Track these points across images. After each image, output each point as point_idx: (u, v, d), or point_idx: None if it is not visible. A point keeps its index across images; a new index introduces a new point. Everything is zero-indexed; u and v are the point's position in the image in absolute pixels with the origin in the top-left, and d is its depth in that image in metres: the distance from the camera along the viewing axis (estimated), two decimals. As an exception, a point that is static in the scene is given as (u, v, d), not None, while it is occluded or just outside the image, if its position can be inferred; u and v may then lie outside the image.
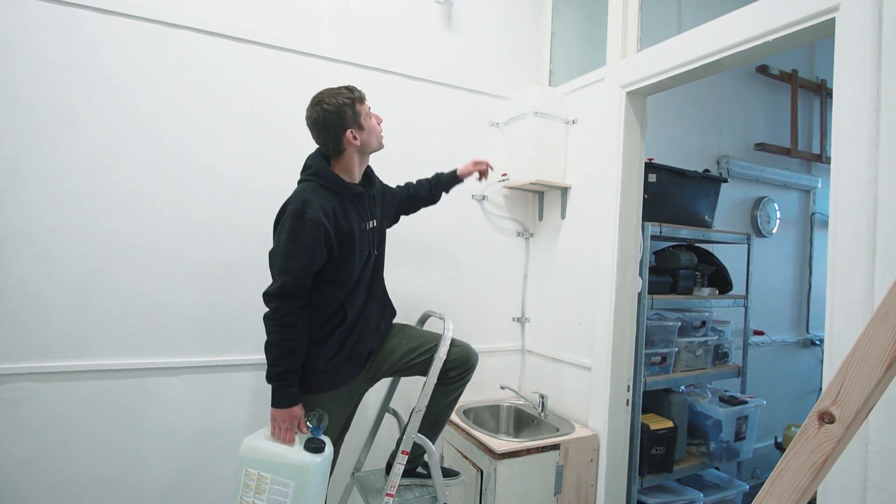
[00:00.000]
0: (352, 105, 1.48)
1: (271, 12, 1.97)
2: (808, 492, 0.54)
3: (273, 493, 1.34)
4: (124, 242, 1.72)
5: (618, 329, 2.03)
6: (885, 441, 1.19)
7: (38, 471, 1.62)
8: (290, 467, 1.35)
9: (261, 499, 1.34)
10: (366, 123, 1.51)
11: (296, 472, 1.35)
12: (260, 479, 1.35)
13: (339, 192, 1.49)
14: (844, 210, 1.31)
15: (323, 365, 1.50)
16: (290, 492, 1.35)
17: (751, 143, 3.26)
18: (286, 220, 1.42)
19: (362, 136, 1.51)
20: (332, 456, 1.46)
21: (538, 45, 2.59)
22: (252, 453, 1.38)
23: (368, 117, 1.52)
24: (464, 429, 2.04)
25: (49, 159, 1.63)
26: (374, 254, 1.61)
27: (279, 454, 1.37)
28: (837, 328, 1.31)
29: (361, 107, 1.50)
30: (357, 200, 1.55)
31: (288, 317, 1.41)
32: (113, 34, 1.70)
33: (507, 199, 2.49)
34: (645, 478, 2.20)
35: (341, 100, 1.47)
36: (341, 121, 1.47)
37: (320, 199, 1.44)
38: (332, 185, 1.48)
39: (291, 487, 1.34)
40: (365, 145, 1.53)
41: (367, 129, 1.51)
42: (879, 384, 0.50)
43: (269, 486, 1.34)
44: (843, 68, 1.33)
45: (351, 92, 1.49)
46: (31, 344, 1.61)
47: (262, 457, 1.37)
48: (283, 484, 1.34)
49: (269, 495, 1.34)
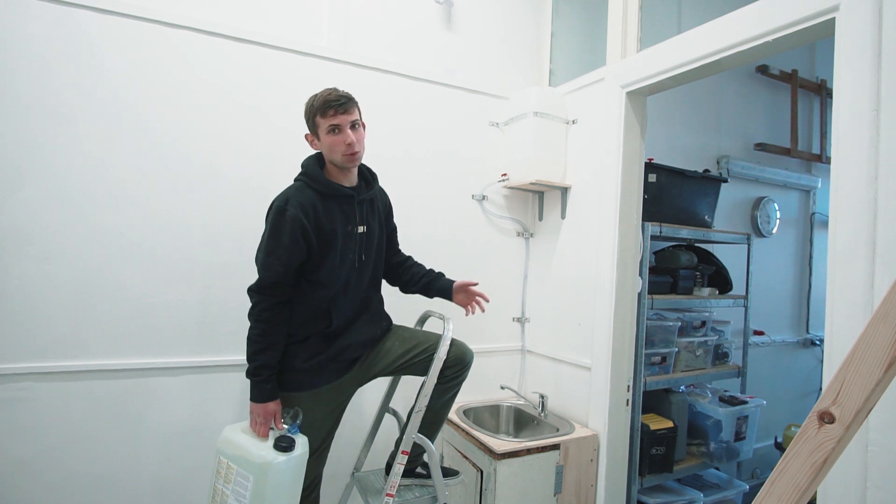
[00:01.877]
0: (311, 114, 1.48)
1: (271, 12, 1.97)
2: (808, 492, 0.53)
3: (237, 485, 1.39)
4: (124, 242, 1.72)
5: (618, 329, 2.03)
6: (885, 441, 1.19)
7: (38, 471, 1.62)
8: (251, 463, 1.38)
9: (227, 488, 1.39)
10: (323, 137, 1.48)
11: (254, 468, 1.37)
12: (228, 469, 1.40)
13: (325, 192, 1.50)
14: (844, 210, 1.31)
15: (302, 364, 1.50)
16: (250, 486, 1.37)
17: (751, 143, 3.26)
18: (269, 216, 1.47)
19: (321, 146, 1.51)
20: (304, 456, 1.45)
21: (538, 45, 2.59)
22: (224, 444, 1.43)
23: (328, 132, 1.46)
24: (464, 429, 2.04)
25: (49, 159, 1.63)
26: (362, 259, 1.58)
27: (245, 448, 1.40)
28: (837, 328, 1.31)
29: (321, 119, 1.46)
30: (345, 203, 1.54)
31: (265, 312, 1.43)
32: (113, 34, 1.70)
33: (507, 199, 2.49)
34: (645, 478, 2.20)
35: (308, 104, 1.49)
36: (308, 124, 1.51)
37: (301, 197, 1.45)
38: (317, 184, 1.49)
39: (251, 482, 1.37)
40: (326, 154, 1.51)
41: (323, 141, 1.48)
42: (879, 384, 0.50)
43: (234, 476, 1.39)
44: (843, 68, 1.33)
45: (315, 104, 1.47)
46: (30, 344, 1.61)
47: (232, 449, 1.41)
48: (244, 477, 1.38)
49: (233, 486, 1.39)
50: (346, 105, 1.46)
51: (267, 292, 1.43)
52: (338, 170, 1.53)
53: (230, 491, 1.38)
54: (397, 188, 2.11)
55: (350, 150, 1.47)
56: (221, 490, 1.40)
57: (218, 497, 1.40)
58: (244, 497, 1.37)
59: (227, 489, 1.39)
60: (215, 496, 1.41)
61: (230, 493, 1.38)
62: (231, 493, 1.38)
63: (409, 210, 2.21)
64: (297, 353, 1.50)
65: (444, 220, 2.31)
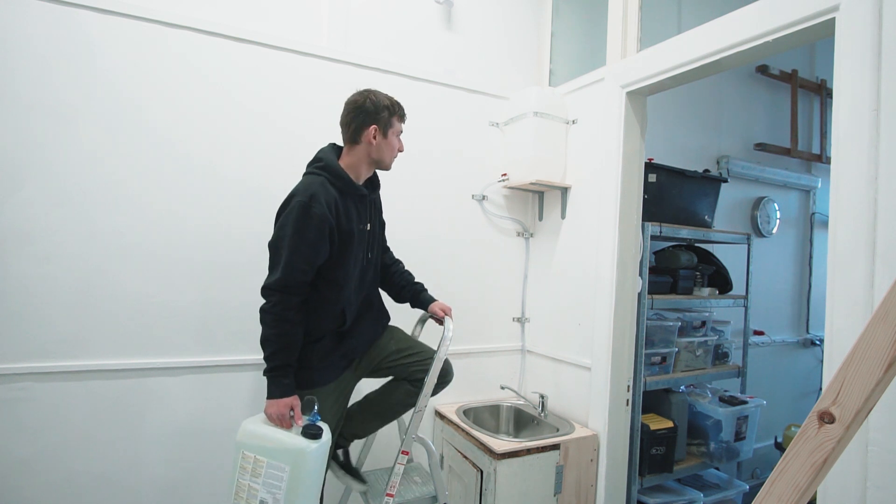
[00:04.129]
0: (390, 112, 1.53)
1: (271, 12, 1.97)
2: (808, 492, 0.53)
3: (269, 477, 1.35)
4: (124, 242, 1.72)
5: (618, 329, 2.03)
6: (885, 441, 1.19)
7: (38, 471, 1.62)
8: (286, 452, 1.36)
9: (257, 482, 1.35)
10: (390, 137, 1.54)
11: (291, 457, 1.36)
12: (256, 463, 1.36)
13: (345, 190, 1.49)
14: (844, 210, 1.31)
15: (317, 363, 1.51)
16: (286, 476, 1.35)
17: (751, 143, 3.26)
18: (292, 211, 1.40)
19: (379, 142, 1.52)
20: (328, 443, 1.46)
21: (538, 45, 2.59)
22: (249, 437, 1.39)
23: (395, 135, 1.55)
24: (464, 429, 2.04)
25: (49, 159, 1.63)
26: (368, 256, 1.61)
27: (276, 439, 1.38)
28: (837, 328, 1.31)
29: (396, 121, 1.54)
30: (360, 201, 1.56)
31: (288, 311, 1.41)
32: (113, 34, 1.70)
33: (507, 199, 2.49)
34: (645, 478, 2.20)
35: (386, 102, 1.53)
36: (374, 116, 1.50)
37: (326, 194, 1.43)
38: (339, 181, 1.48)
39: (287, 472, 1.35)
40: (377, 152, 1.54)
41: (387, 140, 1.54)
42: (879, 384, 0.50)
43: (264, 469, 1.36)
44: (843, 68, 1.33)
45: (395, 105, 1.55)
46: (31, 344, 1.61)
47: (259, 441, 1.38)
48: (279, 468, 1.35)
49: (264, 479, 1.35)
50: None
51: (290, 291, 1.40)
52: (357, 168, 1.54)
53: (260, 484, 1.35)
54: (397, 188, 2.11)
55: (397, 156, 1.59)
56: (248, 485, 1.36)
57: (244, 493, 1.36)
58: (279, 488, 1.35)
59: (257, 483, 1.35)
60: (240, 493, 1.36)
61: (260, 486, 1.35)
62: (261, 486, 1.35)
63: (408, 210, 2.21)
64: (314, 351, 1.51)
65: (444, 220, 2.31)
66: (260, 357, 1.93)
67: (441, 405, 2.29)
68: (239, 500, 1.36)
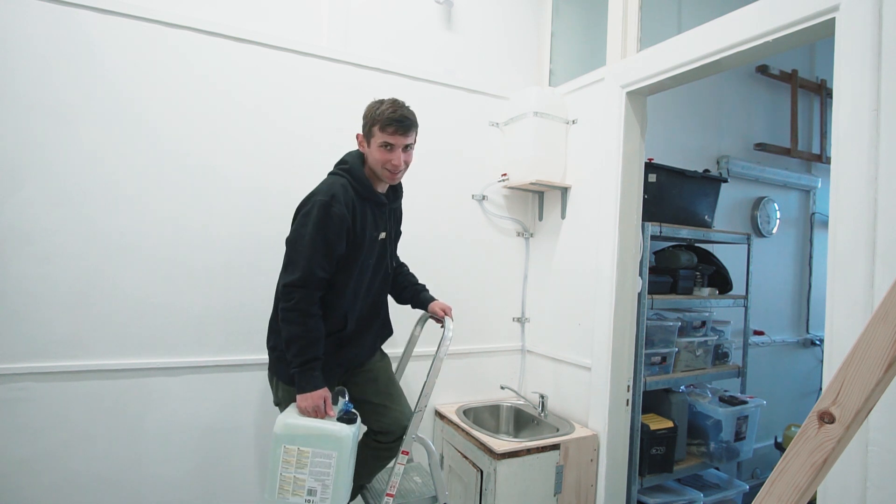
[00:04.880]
0: (369, 121, 1.51)
1: (271, 12, 1.97)
2: (808, 492, 0.53)
3: (316, 466, 1.39)
4: (124, 242, 1.72)
5: (618, 329, 2.03)
6: (885, 441, 1.19)
7: (38, 471, 1.62)
8: (332, 439, 1.39)
9: (303, 472, 1.38)
10: (373, 149, 1.51)
11: (337, 444, 1.39)
12: (300, 454, 1.39)
13: (365, 195, 1.52)
14: (844, 210, 1.31)
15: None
16: (334, 462, 1.39)
17: (751, 143, 3.26)
18: (312, 210, 1.43)
19: (367, 151, 1.54)
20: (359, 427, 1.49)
21: (538, 45, 2.59)
22: (290, 430, 1.40)
23: (381, 146, 1.49)
24: (464, 429, 2.03)
25: (49, 159, 1.63)
26: (379, 265, 1.62)
27: (319, 428, 1.40)
28: (837, 328, 1.31)
29: (377, 130, 1.48)
30: (378, 209, 1.57)
31: (311, 307, 1.43)
32: (113, 34, 1.70)
33: (507, 199, 2.49)
34: (645, 478, 2.20)
35: (372, 108, 1.51)
36: (363, 124, 1.54)
37: (346, 195, 1.47)
38: (359, 186, 1.51)
39: (334, 458, 1.39)
40: (368, 160, 1.54)
41: (370, 150, 1.52)
42: (879, 384, 0.50)
43: (310, 459, 1.38)
44: (843, 68, 1.33)
45: (377, 110, 1.49)
46: (31, 344, 1.61)
47: (301, 432, 1.39)
48: (326, 456, 1.39)
49: (311, 468, 1.38)
50: (408, 129, 1.49)
51: (311, 287, 1.42)
52: (375, 177, 1.56)
53: (306, 475, 1.38)
54: (397, 188, 2.11)
55: (394, 170, 1.51)
56: (293, 478, 1.38)
57: (289, 486, 1.38)
58: (327, 475, 1.38)
59: (303, 474, 1.38)
60: (284, 486, 1.38)
61: (306, 476, 1.38)
62: (308, 475, 1.38)
63: (408, 210, 2.20)
64: None
65: (444, 220, 2.31)
66: (260, 356, 1.94)
67: (441, 405, 2.29)
68: (284, 494, 1.38)
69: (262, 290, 1.92)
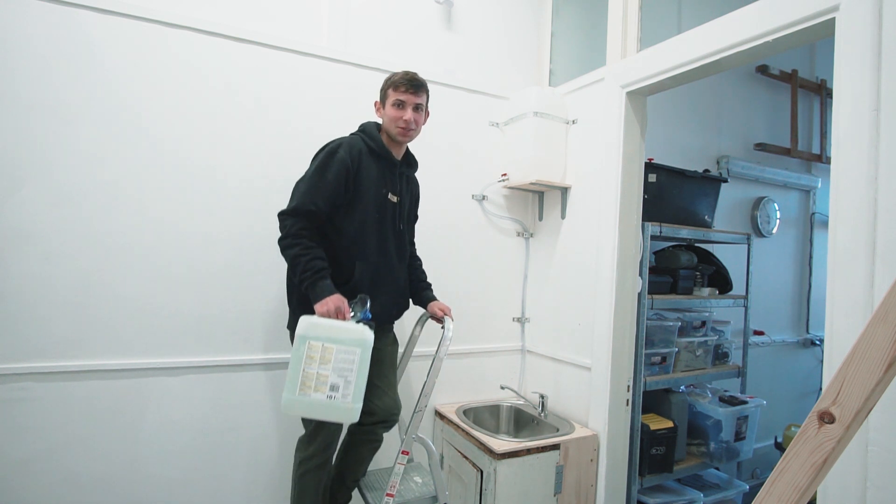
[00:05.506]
0: (384, 85, 1.68)
1: (271, 12, 1.97)
2: (808, 492, 0.53)
3: (339, 362, 1.42)
4: (124, 242, 1.72)
5: (618, 329, 2.03)
6: (885, 441, 1.19)
7: (37, 471, 1.62)
8: (355, 336, 1.44)
9: (326, 368, 1.41)
10: (387, 108, 1.65)
11: (359, 342, 1.44)
12: (325, 350, 1.42)
13: (375, 150, 1.64)
14: (844, 210, 1.31)
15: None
16: (357, 359, 1.43)
17: (751, 143, 3.26)
18: (319, 154, 1.59)
19: (382, 114, 1.68)
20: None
21: (538, 45, 2.59)
22: (314, 328, 1.43)
23: (393, 105, 1.63)
24: (464, 429, 2.03)
25: (48, 159, 1.63)
26: (394, 227, 1.69)
27: (342, 327, 1.45)
28: (837, 328, 1.31)
29: (391, 91, 1.64)
30: (388, 167, 1.68)
31: (304, 230, 1.50)
32: (113, 34, 1.70)
33: (507, 199, 2.49)
34: (645, 478, 2.20)
35: (387, 77, 1.68)
36: (380, 92, 1.70)
37: (355, 146, 1.61)
38: (370, 141, 1.65)
39: (357, 355, 1.43)
40: (384, 123, 1.69)
41: (386, 110, 1.66)
42: (879, 384, 0.50)
43: (334, 355, 1.42)
44: (843, 68, 1.33)
45: (391, 77, 1.66)
46: (30, 344, 1.61)
47: (325, 331, 1.43)
48: (350, 352, 1.43)
49: (335, 364, 1.42)
50: (417, 89, 1.64)
51: (301, 217, 1.51)
52: (390, 141, 1.68)
53: (330, 370, 1.41)
54: (397, 188, 2.11)
55: (405, 126, 1.64)
56: (316, 373, 1.41)
57: (311, 381, 1.41)
58: (350, 370, 1.42)
59: (326, 369, 1.41)
60: (307, 382, 1.40)
61: (330, 372, 1.41)
62: (332, 371, 1.41)
63: (409, 210, 2.20)
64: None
65: (444, 219, 2.31)
66: (260, 357, 1.94)
67: (441, 405, 2.29)
68: (306, 390, 1.40)
69: (262, 290, 1.92)
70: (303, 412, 1.45)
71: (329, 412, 1.43)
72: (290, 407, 1.42)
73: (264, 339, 1.94)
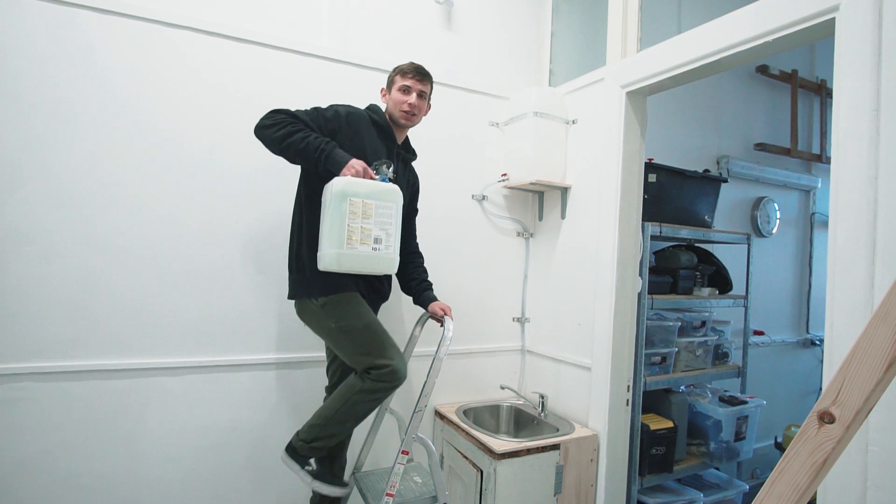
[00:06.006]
0: (392, 73, 1.76)
1: (271, 12, 1.97)
2: (808, 492, 0.53)
3: (380, 216, 1.50)
4: (124, 242, 1.72)
5: (618, 329, 2.03)
6: (885, 441, 1.19)
7: (37, 471, 1.62)
8: (390, 192, 1.52)
9: (369, 222, 1.48)
10: (393, 93, 1.73)
11: (395, 195, 1.53)
12: (365, 206, 1.48)
13: (376, 120, 1.71)
14: (844, 210, 1.31)
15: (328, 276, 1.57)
16: (394, 212, 1.52)
17: (751, 143, 3.26)
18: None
19: (387, 99, 1.76)
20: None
21: (538, 45, 2.59)
22: (352, 185, 1.47)
23: (399, 89, 1.71)
24: (464, 429, 2.03)
25: (49, 159, 1.63)
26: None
27: (375, 184, 1.51)
28: (837, 328, 1.31)
29: (398, 78, 1.72)
30: (385, 142, 1.72)
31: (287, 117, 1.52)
32: (113, 34, 1.70)
33: (507, 199, 2.49)
34: (645, 478, 2.20)
35: (395, 66, 1.76)
36: (388, 79, 1.78)
37: (356, 110, 1.67)
38: (374, 114, 1.72)
39: (394, 209, 1.52)
40: (388, 108, 1.75)
41: (391, 95, 1.74)
42: (879, 384, 0.50)
43: (374, 210, 1.49)
44: (843, 68, 1.33)
45: (400, 65, 1.74)
46: (30, 344, 1.61)
47: (364, 188, 1.48)
48: (388, 207, 1.51)
49: (376, 218, 1.49)
50: (423, 77, 1.74)
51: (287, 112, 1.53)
52: (393, 124, 1.74)
53: (372, 224, 1.49)
54: (397, 188, 2.11)
55: (409, 110, 1.71)
56: (360, 227, 1.47)
57: (356, 235, 1.46)
58: (390, 223, 1.52)
59: (369, 223, 1.48)
60: (352, 235, 1.46)
61: (372, 225, 1.49)
62: (374, 225, 1.49)
63: (409, 210, 2.20)
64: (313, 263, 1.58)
65: (444, 219, 2.30)
66: (261, 357, 1.94)
67: (441, 405, 2.29)
68: (353, 243, 1.47)
69: (262, 290, 1.92)
70: (351, 265, 1.47)
71: (375, 264, 1.50)
72: (337, 260, 1.46)
73: (264, 339, 1.94)
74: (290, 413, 1.98)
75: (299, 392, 1.99)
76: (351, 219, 1.45)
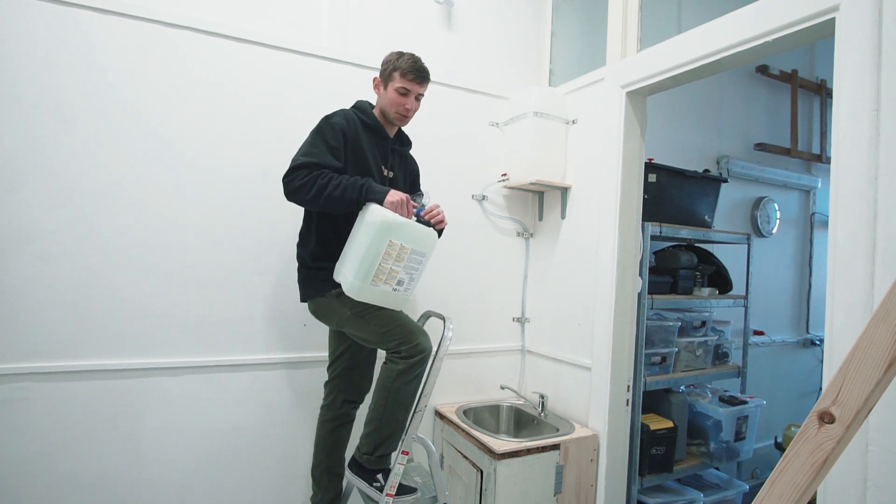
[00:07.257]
0: (390, 67, 1.66)
1: (271, 12, 1.97)
2: (808, 492, 0.53)
3: (411, 262, 1.50)
4: (124, 242, 1.72)
5: (618, 329, 2.03)
6: (885, 441, 1.19)
7: (37, 471, 1.62)
8: (429, 240, 1.53)
9: (399, 266, 1.49)
10: (389, 91, 1.66)
11: (430, 246, 1.54)
12: (402, 250, 1.48)
13: (367, 123, 1.67)
14: (844, 210, 1.31)
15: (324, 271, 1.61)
16: (424, 261, 1.53)
17: (751, 143, 3.26)
18: (318, 123, 1.61)
19: (381, 93, 1.70)
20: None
21: (538, 45, 2.59)
22: (397, 227, 1.47)
23: (397, 91, 1.65)
24: (464, 429, 2.03)
25: (49, 159, 1.63)
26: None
27: (419, 229, 1.52)
28: (837, 328, 1.31)
29: (397, 76, 1.64)
30: (381, 140, 1.71)
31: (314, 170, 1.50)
32: (113, 34, 1.70)
33: (507, 199, 2.49)
34: (645, 478, 2.20)
35: (392, 57, 1.67)
36: (381, 69, 1.70)
37: (349, 118, 1.64)
38: (362, 114, 1.68)
39: (425, 258, 1.53)
40: (381, 101, 1.70)
41: (387, 92, 1.67)
42: (879, 384, 0.50)
43: (408, 255, 1.49)
44: (843, 68, 1.33)
45: (398, 59, 1.66)
46: (30, 344, 1.61)
47: (407, 231, 1.48)
48: (420, 254, 1.52)
49: (407, 264, 1.50)
50: (423, 80, 1.68)
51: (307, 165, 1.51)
52: (384, 120, 1.71)
53: (401, 268, 1.49)
54: (397, 188, 2.11)
55: (405, 114, 1.69)
56: (390, 269, 1.48)
57: (384, 275, 1.48)
58: (416, 270, 1.53)
59: (399, 266, 1.49)
60: (380, 275, 1.47)
61: (401, 269, 1.50)
62: (402, 269, 1.50)
63: (409, 210, 2.20)
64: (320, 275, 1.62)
65: (444, 220, 2.30)
66: (260, 357, 1.95)
67: (441, 405, 2.29)
68: (378, 281, 1.48)
69: (262, 291, 1.92)
70: (367, 298, 1.51)
71: (389, 300, 1.53)
72: (357, 293, 1.49)
73: (264, 339, 1.94)
74: (290, 413, 1.98)
75: (299, 392, 1.99)
76: (384, 259, 1.46)
